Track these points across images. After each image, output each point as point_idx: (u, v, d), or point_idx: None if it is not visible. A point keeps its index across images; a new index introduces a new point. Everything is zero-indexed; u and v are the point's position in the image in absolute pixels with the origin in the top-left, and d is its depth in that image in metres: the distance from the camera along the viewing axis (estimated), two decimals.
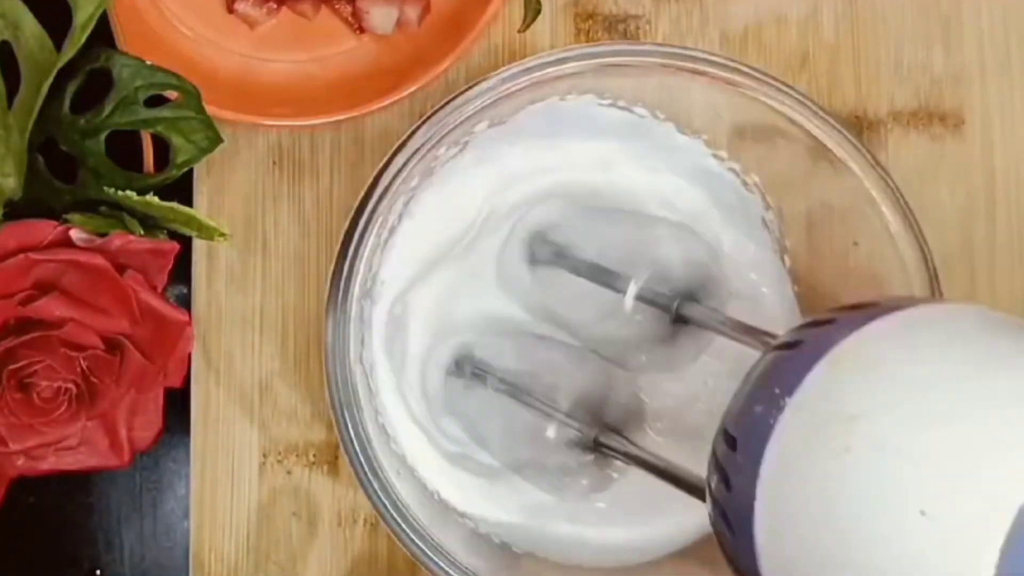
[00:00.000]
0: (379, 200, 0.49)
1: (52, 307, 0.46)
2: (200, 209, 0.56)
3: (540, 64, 0.50)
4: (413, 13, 0.57)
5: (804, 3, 0.60)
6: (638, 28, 0.60)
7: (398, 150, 0.50)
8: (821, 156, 0.51)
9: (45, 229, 0.46)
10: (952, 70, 0.60)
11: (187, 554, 0.56)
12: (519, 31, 0.57)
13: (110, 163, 0.49)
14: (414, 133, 0.49)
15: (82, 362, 0.46)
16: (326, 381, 0.49)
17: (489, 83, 0.50)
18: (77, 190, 0.50)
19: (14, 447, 0.47)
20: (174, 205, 0.48)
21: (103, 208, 0.49)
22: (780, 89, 0.51)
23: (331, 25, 0.58)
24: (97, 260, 0.46)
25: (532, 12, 0.56)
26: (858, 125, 0.59)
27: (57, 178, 0.50)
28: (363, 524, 0.57)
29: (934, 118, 0.60)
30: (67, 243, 0.46)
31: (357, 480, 0.49)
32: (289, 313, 0.57)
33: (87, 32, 0.47)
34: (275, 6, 0.57)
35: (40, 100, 0.48)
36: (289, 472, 0.57)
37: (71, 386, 0.46)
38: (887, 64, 0.60)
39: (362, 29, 0.58)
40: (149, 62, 0.49)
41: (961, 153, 0.60)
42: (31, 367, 0.46)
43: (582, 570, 0.54)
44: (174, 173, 0.49)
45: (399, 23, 0.57)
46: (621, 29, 0.59)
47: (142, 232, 0.48)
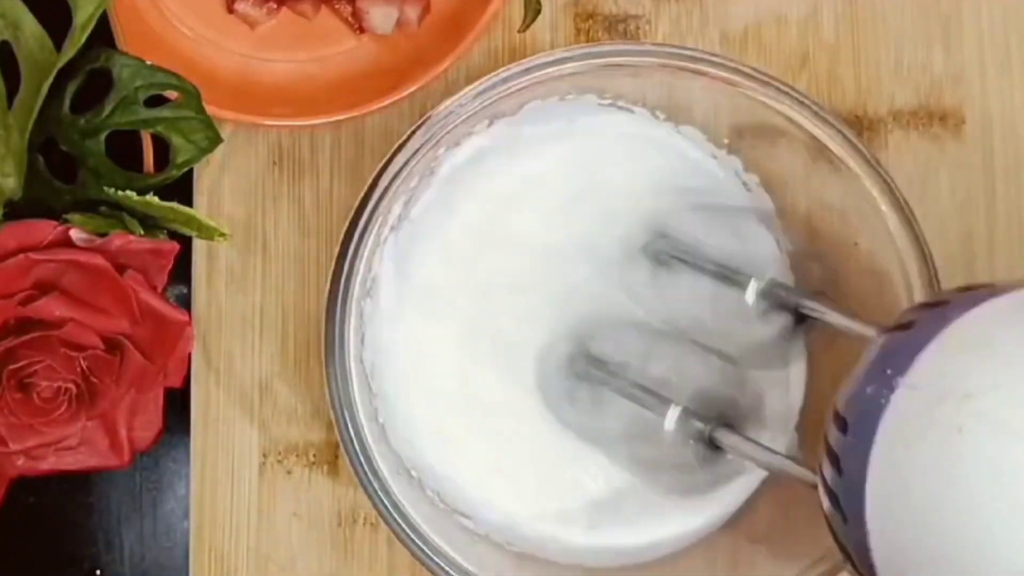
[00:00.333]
0: (379, 200, 0.49)
1: (52, 307, 0.46)
2: (200, 209, 0.56)
3: (540, 64, 0.50)
4: (413, 13, 0.57)
5: (804, 3, 0.60)
6: (638, 28, 0.60)
7: (398, 150, 0.50)
8: (821, 156, 0.51)
9: (45, 229, 0.46)
10: (952, 70, 0.60)
11: (187, 554, 0.56)
12: (519, 31, 0.57)
13: (110, 163, 0.50)
14: (414, 133, 0.50)
15: (82, 362, 0.46)
16: (326, 381, 0.49)
17: (489, 83, 0.50)
18: (77, 190, 0.50)
19: (14, 447, 0.47)
20: (174, 205, 0.48)
21: (103, 208, 0.49)
22: (780, 89, 0.51)
23: (331, 25, 0.58)
24: (97, 260, 0.46)
25: (532, 12, 0.56)
26: (858, 125, 0.59)
27: (57, 178, 0.50)
28: (363, 524, 0.57)
29: (934, 118, 0.60)
30: (67, 243, 0.46)
31: (357, 480, 0.49)
32: (289, 313, 0.57)
33: (87, 32, 0.48)
34: (275, 6, 0.57)
35: (40, 100, 0.48)
36: (289, 472, 0.57)
37: (71, 386, 0.46)
38: (887, 64, 0.60)
39: (362, 29, 0.58)
40: (149, 62, 0.49)
41: (961, 153, 0.60)
42: (31, 367, 0.46)
43: (582, 570, 0.54)
44: (174, 173, 0.50)
45: (399, 23, 0.57)
46: (621, 29, 0.59)
47: (142, 232, 0.48)
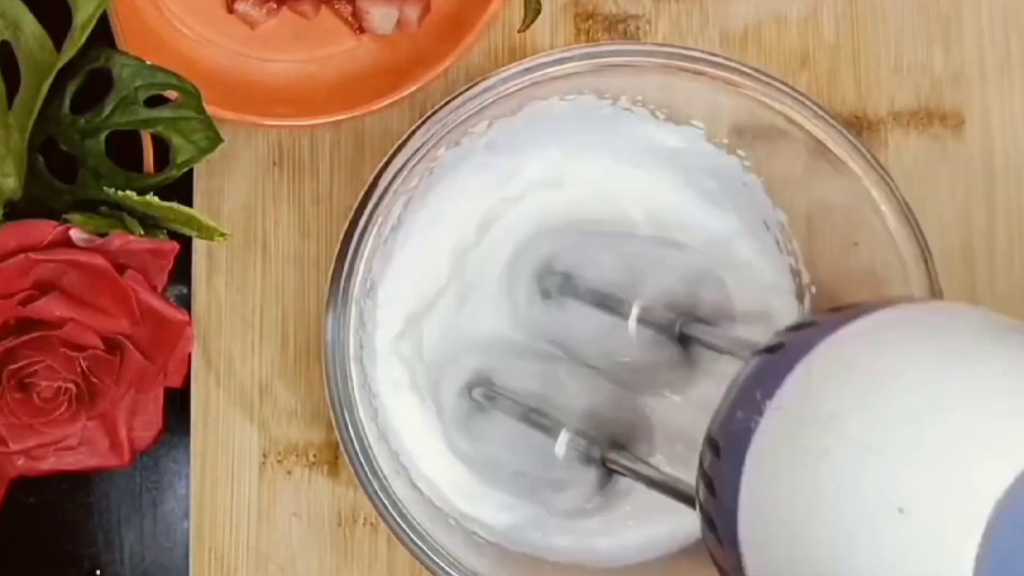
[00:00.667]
0: (379, 200, 0.49)
1: (52, 307, 0.46)
2: (200, 209, 0.56)
3: (540, 64, 0.50)
4: (413, 13, 0.57)
5: (804, 3, 0.60)
6: (638, 28, 0.60)
7: (398, 150, 0.50)
8: (821, 156, 0.51)
9: (45, 229, 0.46)
10: (952, 70, 0.60)
11: (187, 554, 0.56)
12: (519, 31, 0.57)
13: (110, 163, 0.49)
14: (414, 133, 0.50)
15: (82, 362, 0.46)
16: (326, 381, 0.49)
17: (489, 83, 0.50)
18: (77, 190, 0.50)
19: (14, 447, 0.47)
20: (174, 205, 0.48)
21: (103, 208, 0.49)
22: (780, 89, 0.51)
23: (331, 25, 0.58)
24: (97, 260, 0.46)
25: (532, 12, 0.56)
26: (858, 125, 0.59)
27: (57, 178, 0.50)
28: (363, 524, 0.57)
29: (934, 118, 0.60)
30: (67, 243, 0.46)
31: (357, 480, 0.49)
32: (289, 313, 0.57)
33: (87, 32, 0.47)
34: (275, 6, 0.57)
35: (40, 100, 0.48)
36: (289, 472, 0.57)
37: (71, 386, 0.46)
38: (887, 64, 0.60)
39: (362, 29, 0.58)
40: (149, 62, 0.49)
41: (961, 153, 0.60)
42: (31, 367, 0.46)
43: (582, 570, 0.54)
44: (174, 173, 0.49)
45: (399, 23, 0.57)
46: (621, 29, 0.59)
47: (142, 232, 0.48)
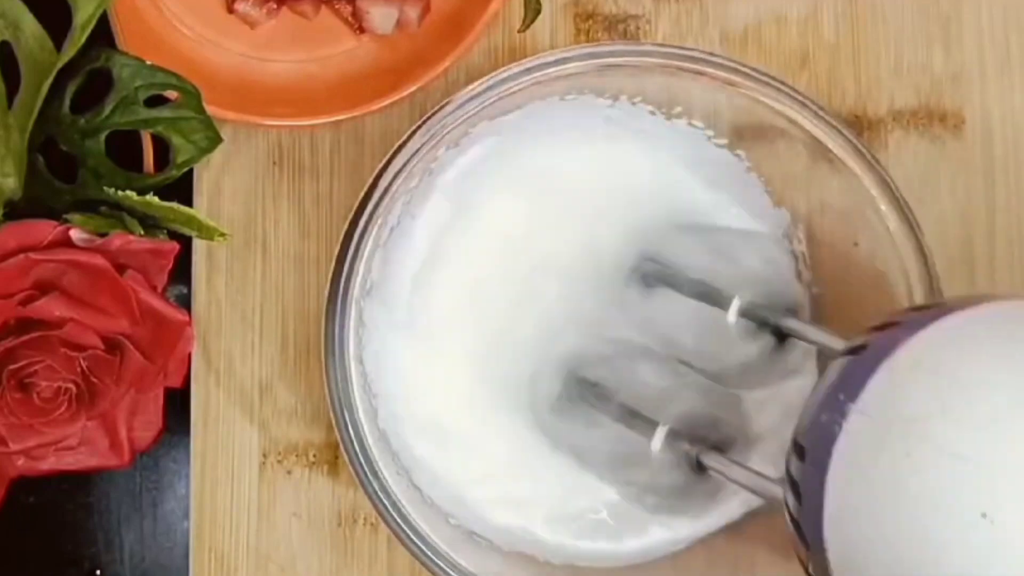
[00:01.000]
0: (379, 200, 0.49)
1: (52, 307, 0.46)
2: (200, 209, 0.56)
3: (540, 64, 0.50)
4: (413, 13, 0.57)
5: (804, 3, 0.60)
6: (638, 28, 0.60)
7: (398, 150, 0.50)
8: (821, 156, 0.51)
9: (45, 229, 0.46)
10: (952, 70, 0.60)
11: (187, 554, 0.56)
12: (519, 31, 0.57)
13: (110, 163, 0.50)
14: (414, 133, 0.50)
15: (82, 362, 0.46)
16: (326, 381, 0.49)
17: (489, 83, 0.50)
18: (77, 190, 0.50)
19: (14, 447, 0.47)
20: (174, 205, 0.48)
21: (103, 208, 0.49)
22: (780, 89, 0.51)
23: (331, 25, 0.58)
24: (97, 260, 0.46)
25: (532, 12, 0.56)
26: (858, 125, 0.59)
27: (57, 178, 0.50)
28: (363, 524, 0.57)
29: (934, 118, 0.60)
30: (67, 243, 0.46)
31: (357, 480, 0.49)
32: (289, 313, 0.57)
33: (87, 32, 0.47)
34: (275, 6, 0.57)
35: (40, 100, 0.48)
36: (289, 472, 0.57)
37: (71, 386, 0.46)
38: (887, 64, 0.60)
39: (362, 29, 0.58)
40: (149, 62, 0.49)
41: (961, 153, 0.60)
42: (31, 367, 0.46)
43: (579, 570, 0.54)
44: (174, 173, 0.49)
45: (399, 23, 0.57)
46: (621, 29, 0.59)
47: (142, 232, 0.48)
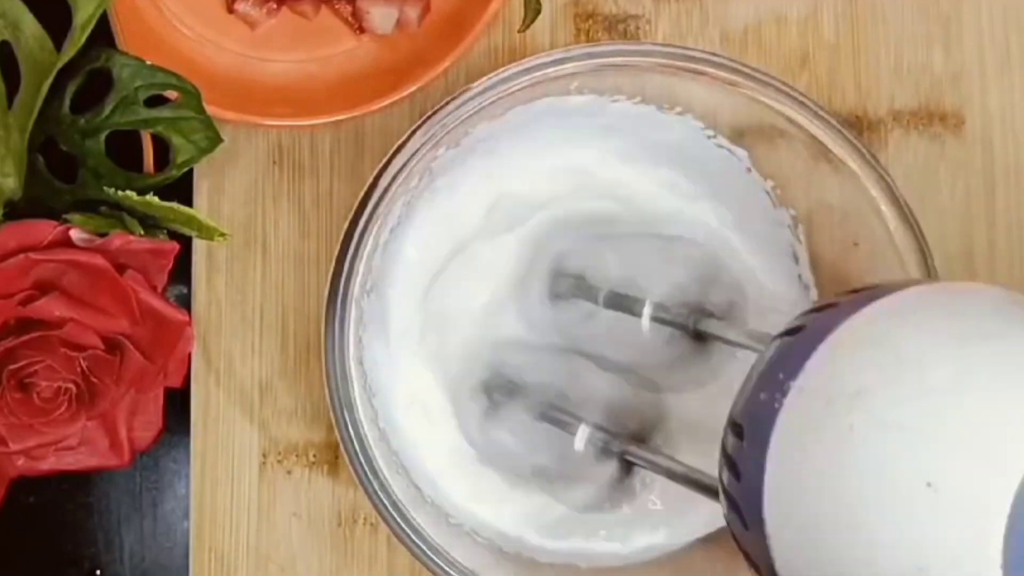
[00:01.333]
0: (379, 200, 0.49)
1: (52, 307, 0.46)
2: (200, 209, 0.56)
3: (540, 64, 0.50)
4: (413, 13, 0.57)
5: (804, 3, 0.60)
6: (638, 28, 0.60)
7: (398, 150, 0.50)
8: (821, 156, 0.51)
9: (45, 229, 0.46)
10: (952, 70, 0.60)
11: (187, 554, 0.56)
12: (519, 31, 0.57)
13: (110, 163, 0.50)
14: (414, 133, 0.50)
15: (82, 362, 0.46)
16: (326, 381, 0.49)
17: (489, 83, 0.50)
18: (77, 190, 0.50)
19: (14, 447, 0.47)
20: (174, 205, 0.48)
21: (103, 208, 0.49)
22: (780, 89, 0.51)
23: (331, 25, 0.58)
24: (97, 260, 0.46)
25: (532, 12, 0.56)
26: (858, 125, 0.59)
27: (57, 178, 0.50)
28: (363, 524, 0.57)
29: (934, 118, 0.60)
30: (67, 243, 0.46)
31: (357, 480, 0.49)
32: (289, 313, 0.57)
33: (87, 32, 0.47)
34: (275, 6, 0.57)
35: (40, 100, 0.48)
36: (289, 472, 0.57)
37: (71, 386, 0.46)
38: (887, 64, 0.60)
39: (362, 29, 0.58)
40: (149, 62, 0.49)
41: (961, 153, 0.60)
42: (31, 367, 0.46)
43: (578, 570, 0.54)
44: (174, 173, 0.49)
45: (399, 23, 0.57)
46: (621, 29, 0.59)
47: (142, 232, 0.48)
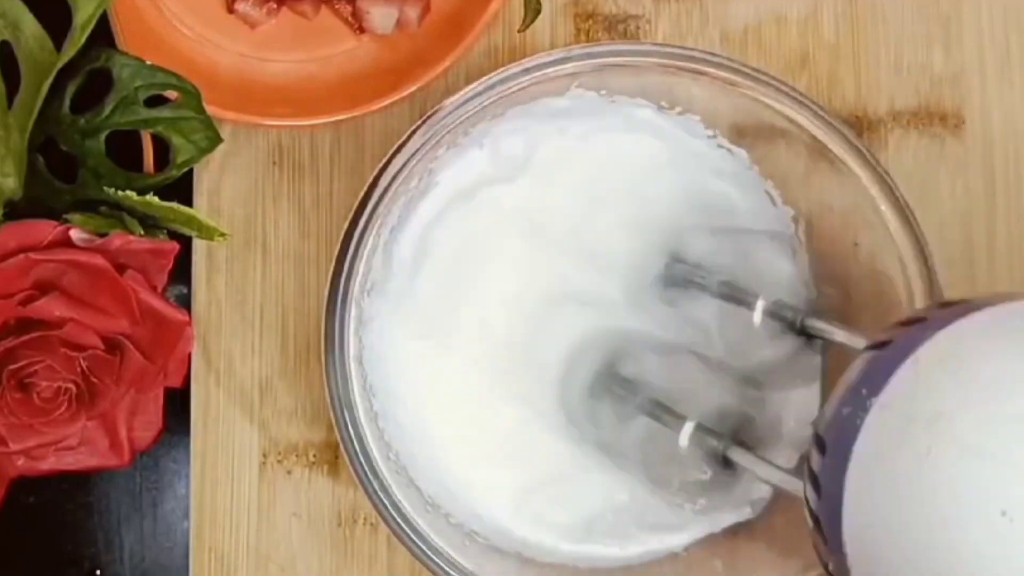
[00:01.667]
0: (379, 200, 0.49)
1: (52, 307, 0.46)
2: (200, 209, 0.56)
3: (540, 64, 0.50)
4: (413, 13, 0.57)
5: (804, 3, 0.60)
6: (638, 28, 0.60)
7: (398, 150, 0.50)
8: (821, 156, 0.51)
9: (45, 229, 0.46)
10: (952, 70, 0.60)
11: (187, 554, 0.56)
12: (519, 31, 0.57)
13: (110, 163, 0.50)
14: (414, 133, 0.50)
15: (82, 362, 0.46)
16: (326, 381, 0.49)
17: (489, 83, 0.50)
18: (77, 190, 0.50)
19: (14, 447, 0.47)
20: (174, 205, 0.48)
21: (103, 208, 0.49)
22: (780, 89, 0.51)
23: (331, 25, 0.58)
24: (97, 260, 0.46)
25: (532, 12, 0.56)
26: (858, 125, 0.59)
27: (57, 178, 0.50)
28: (363, 524, 0.57)
29: (934, 118, 0.60)
30: (67, 243, 0.46)
31: (357, 480, 0.49)
32: (289, 313, 0.57)
33: (87, 32, 0.47)
34: (275, 6, 0.57)
35: (40, 100, 0.48)
36: (289, 472, 0.57)
37: (71, 386, 0.46)
38: (887, 64, 0.60)
39: (362, 29, 0.58)
40: (149, 62, 0.49)
41: (961, 153, 0.60)
42: (31, 367, 0.46)
43: (578, 571, 0.54)
44: (174, 173, 0.49)
45: (399, 23, 0.57)
46: (621, 29, 0.59)
47: (142, 232, 0.48)
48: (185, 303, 0.56)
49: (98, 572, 0.56)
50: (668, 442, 0.48)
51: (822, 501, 0.38)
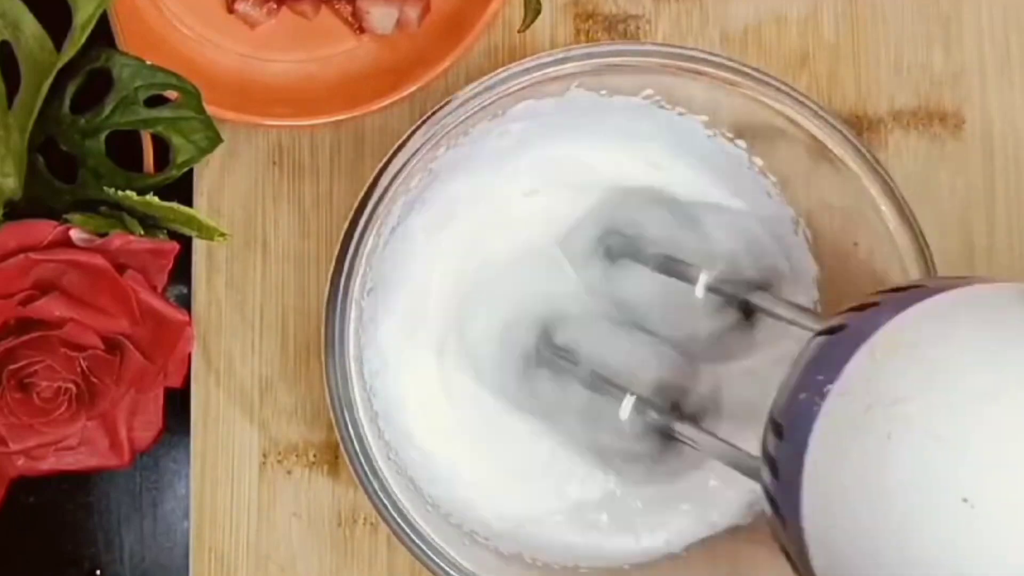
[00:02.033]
0: (379, 200, 0.49)
1: (52, 307, 0.46)
2: (200, 209, 0.56)
3: (540, 64, 0.50)
4: (413, 13, 0.57)
5: (804, 3, 0.60)
6: (638, 28, 0.60)
7: (398, 150, 0.50)
8: (821, 156, 0.51)
9: (45, 229, 0.46)
10: (952, 70, 0.60)
11: (187, 554, 0.56)
12: (519, 31, 0.57)
13: (110, 163, 0.49)
14: (414, 133, 0.49)
15: (82, 362, 0.46)
16: (326, 381, 0.49)
17: (489, 83, 0.50)
18: (77, 190, 0.50)
19: (14, 447, 0.47)
20: (174, 205, 0.48)
21: (103, 208, 0.49)
22: (780, 89, 0.51)
23: (331, 25, 0.58)
24: (97, 260, 0.46)
25: (532, 12, 0.56)
26: (858, 125, 0.59)
27: (57, 178, 0.50)
28: (363, 524, 0.57)
29: (934, 118, 0.60)
30: (67, 243, 0.46)
31: (357, 480, 0.49)
32: (289, 313, 0.57)
33: (87, 32, 0.47)
34: (275, 6, 0.57)
35: (40, 100, 0.48)
36: (289, 472, 0.57)
37: (71, 386, 0.46)
38: (887, 64, 0.60)
39: (362, 29, 0.58)
40: (149, 62, 0.49)
41: (961, 153, 0.60)
42: (31, 367, 0.46)
43: (578, 571, 0.54)
44: (174, 173, 0.49)
45: (399, 23, 0.57)
46: (621, 29, 0.59)
47: (142, 232, 0.48)
48: (185, 303, 0.56)
49: (98, 572, 0.56)
50: (610, 414, 0.48)
51: (780, 483, 0.38)
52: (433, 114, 0.50)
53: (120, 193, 0.47)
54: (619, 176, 0.54)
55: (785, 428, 0.38)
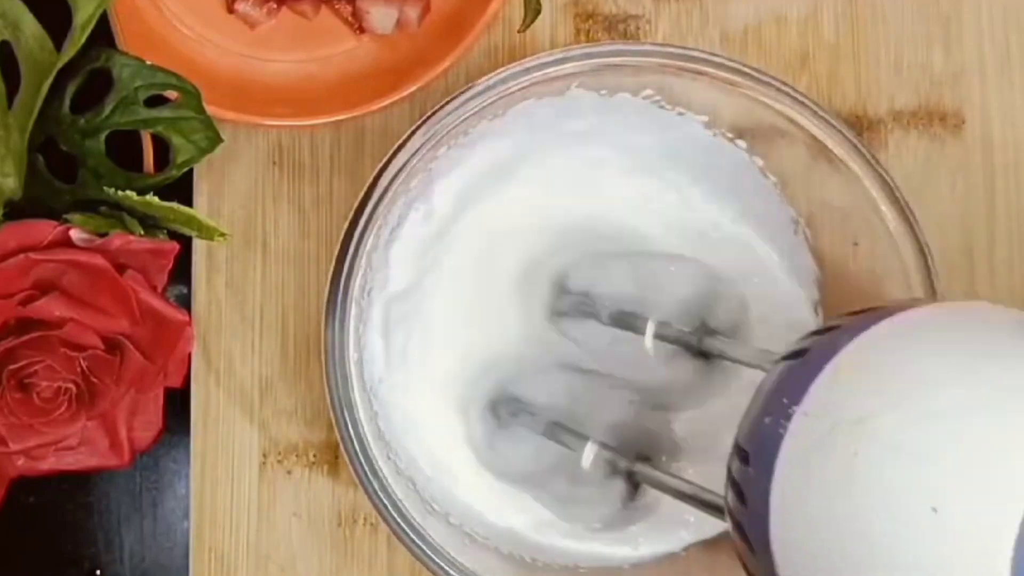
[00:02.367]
0: (379, 200, 0.49)
1: (52, 307, 0.46)
2: (200, 209, 0.56)
3: (540, 64, 0.50)
4: (413, 13, 0.57)
5: (804, 3, 0.60)
6: (638, 28, 0.60)
7: (398, 150, 0.50)
8: (821, 156, 0.51)
9: (45, 229, 0.46)
10: (952, 70, 0.60)
11: (187, 554, 0.56)
12: (519, 31, 0.57)
13: (110, 163, 0.49)
14: (414, 133, 0.50)
15: (82, 362, 0.46)
16: (326, 381, 0.49)
17: (489, 83, 0.50)
18: (77, 190, 0.50)
19: (14, 447, 0.47)
20: (174, 205, 0.48)
21: (103, 208, 0.49)
22: (780, 89, 0.51)
23: (331, 25, 0.58)
24: (97, 260, 0.46)
25: (532, 12, 0.56)
26: (858, 125, 0.59)
27: (57, 178, 0.50)
28: (363, 524, 0.57)
29: (934, 118, 0.60)
30: (67, 243, 0.46)
31: (357, 480, 0.49)
32: (289, 313, 0.57)
33: (87, 32, 0.47)
34: (275, 6, 0.57)
35: (40, 100, 0.48)
36: (289, 472, 0.57)
37: (71, 386, 0.46)
38: (887, 64, 0.60)
39: (362, 29, 0.58)
40: (149, 62, 0.49)
41: (961, 153, 0.60)
42: (31, 367, 0.46)
43: (577, 571, 0.54)
44: (174, 173, 0.49)
45: (399, 23, 0.57)
46: (621, 29, 0.59)
47: (142, 232, 0.48)
48: (185, 303, 0.56)
49: (98, 572, 0.56)
50: (571, 464, 0.48)
51: (747, 509, 0.38)
52: (433, 114, 0.50)
53: (120, 193, 0.47)
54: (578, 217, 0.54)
55: (751, 453, 0.38)
